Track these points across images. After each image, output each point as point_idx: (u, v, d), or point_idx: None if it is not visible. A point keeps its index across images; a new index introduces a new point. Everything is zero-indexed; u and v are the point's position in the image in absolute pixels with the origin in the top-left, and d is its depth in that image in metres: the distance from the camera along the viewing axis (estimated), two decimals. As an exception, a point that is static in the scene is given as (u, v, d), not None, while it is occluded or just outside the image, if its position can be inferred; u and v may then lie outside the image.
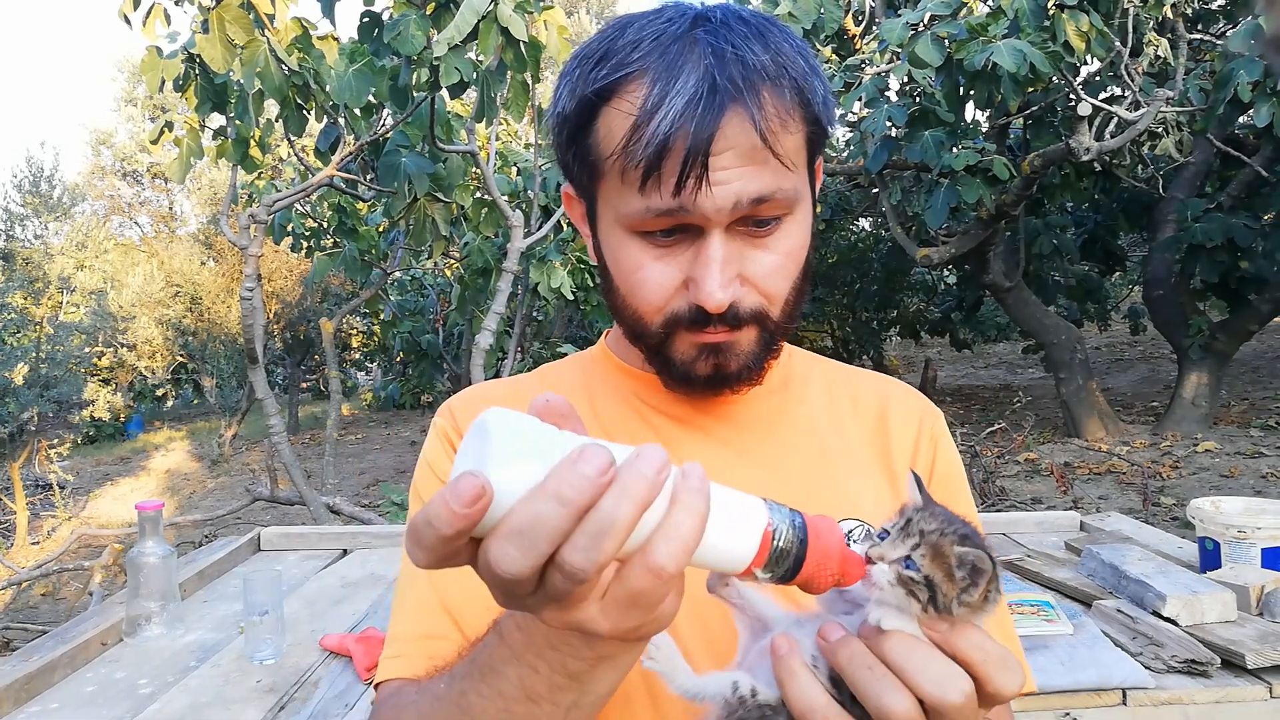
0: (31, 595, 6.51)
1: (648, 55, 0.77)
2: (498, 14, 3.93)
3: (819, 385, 1.02)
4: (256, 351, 4.76)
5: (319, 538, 2.78)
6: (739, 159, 0.77)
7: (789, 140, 0.80)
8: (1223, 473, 7.76)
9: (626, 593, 0.52)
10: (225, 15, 4.12)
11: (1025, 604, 1.91)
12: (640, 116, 0.76)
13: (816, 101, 0.82)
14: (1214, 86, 7.24)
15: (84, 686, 1.77)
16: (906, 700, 0.60)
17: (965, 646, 0.61)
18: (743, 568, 0.56)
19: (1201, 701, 1.58)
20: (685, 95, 0.74)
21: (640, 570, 0.51)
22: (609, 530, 0.49)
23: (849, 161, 9.38)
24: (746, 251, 0.82)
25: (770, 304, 0.85)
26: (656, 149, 0.75)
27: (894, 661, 0.60)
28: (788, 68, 0.80)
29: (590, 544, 0.49)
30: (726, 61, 0.76)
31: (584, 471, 0.49)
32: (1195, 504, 2.15)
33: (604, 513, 0.49)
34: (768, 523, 0.56)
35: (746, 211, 0.79)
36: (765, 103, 0.77)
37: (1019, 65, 5.99)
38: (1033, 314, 9.85)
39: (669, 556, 0.51)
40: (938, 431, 1.00)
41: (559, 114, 0.84)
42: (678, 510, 0.52)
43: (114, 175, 23.68)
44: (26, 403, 9.59)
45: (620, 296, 0.87)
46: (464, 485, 0.48)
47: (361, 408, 17.85)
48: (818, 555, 0.57)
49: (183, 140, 4.88)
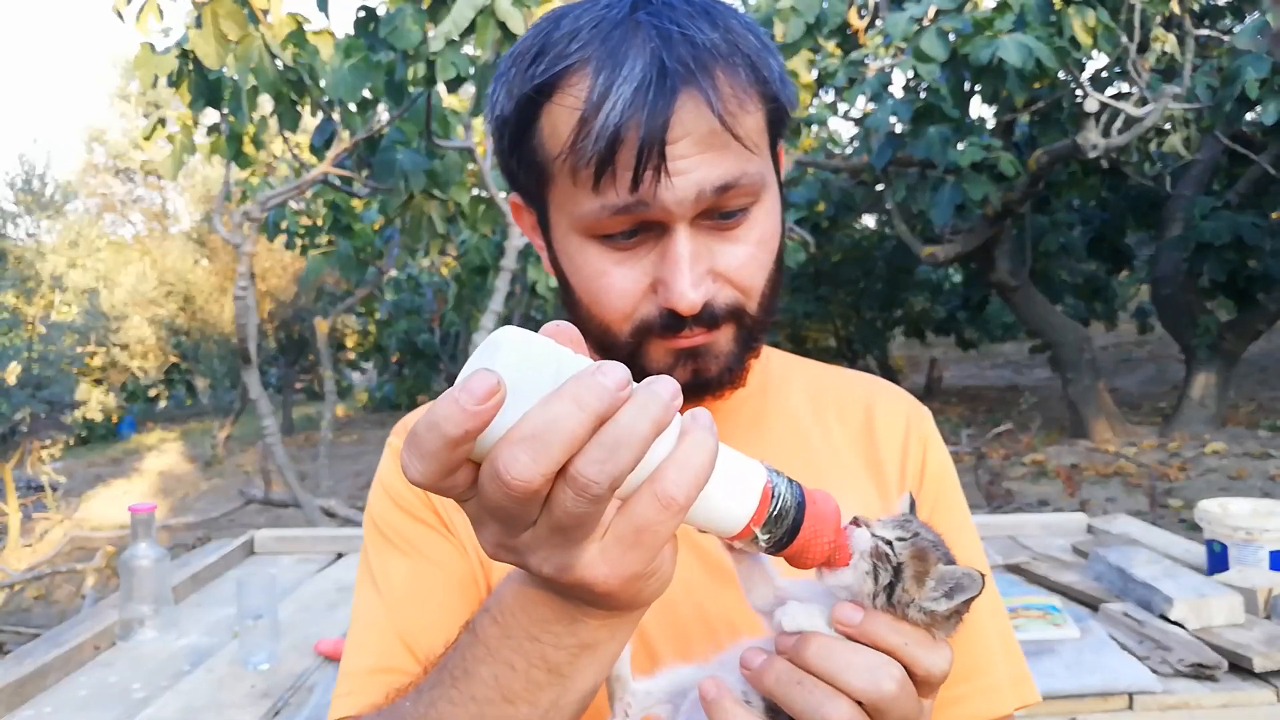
0: (24, 598, 6.47)
1: (588, 44, 0.72)
2: (495, 8, 3.89)
3: (800, 387, 0.98)
4: (250, 351, 4.74)
5: (314, 541, 2.77)
6: (697, 146, 0.72)
7: (748, 121, 0.75)
8: (1230, 474, 7.75)
9: (632, 526, 0.50)
10: (219, 10, 4.09)
11: (1031, 608, 1.90)
12: (586, 109, 0.71)
13: (773, 79, 0.78)
14: (1221, 83, 7.20)
15: (77, 690, 1.76)
16: (844, 705, 0.58)
17: (883, 633, 0.59)
18: (742, 525, 0.55)
19: (1209, 706, 1.57)
20: (633, 82, 0.70)
21: (649, 499, 0.49)
22: (626, 442, 0.47)
23: (853, 158, 9.36)
24: (715, 246, 0.77)
25: (746, 299, 0.80)
26: (608, 142, 0.70)
27: (819, 668, 0.58)
28: (739, 45, 0.75)
29: (606, 455, 0.47)
30: (674, 42, 0.71)
31: (604, 381, 0.47)
32: (1203, 506, 2.15)
33: (622, 425, 0.47)
34: (767, 481, 0.56)
35: (711, 202, 0.74)
36: (720, 83, 0.72)
37: (1025, 60, 5.96)
38: (1039, 313, 9.83)
39: (679, 486, 0.49)
40: (926, 432, 0.97)
41: (498, 118, 0.79)
42: (688, 443, 0.51)
43: (107, 172, 23.62)
44: (18, 403, 9.63)
45: (583, 308, 0.81)
46: (477, 380, 0.45)
47: (357, 408, 17.85)
48: (814, 521, 0.56)
49: (176, 136, 4.89)
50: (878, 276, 13.33)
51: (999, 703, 0.88)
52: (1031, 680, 0.91)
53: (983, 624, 0.89)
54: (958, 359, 17.64)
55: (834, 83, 7.60)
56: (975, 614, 0.88)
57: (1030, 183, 7.87)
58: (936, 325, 14.27)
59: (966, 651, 0.86)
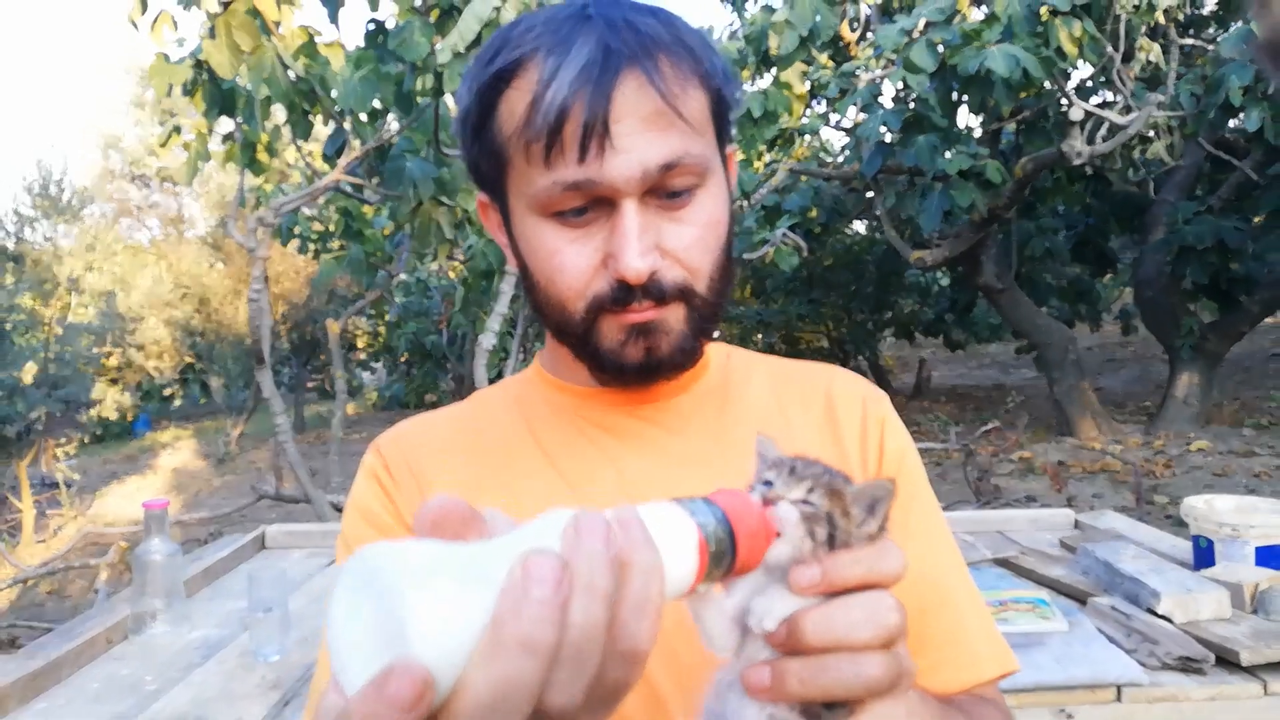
0: (37, 593, 6.51)
1: (540, 35, 0.77)
2: (501, 21, 3.92)
3: (762, 380, 0.97)
4: (263, 352, 4.77)
5: (324, 535, 2.77)
6: (642, 124, 0.75)
7: (691, 103, 0.78)
8: (1215, 471, 7.80)
9: (606, 690, 0.44)
10: (232, 22, 4.15)
11: (1020, 601, 1.91)
12: (537, 89, 0.74)
13: (716, 74, 0.81)
14: (1205, 91, 7.30)
15: (89, 683, 1.76)
16: (874, 659, 0.56)
17: (844, 572, 0.57)
18: (690, 584, 0.51)
19: (1196, 698, 1.58)
20: (579, 62, 0.74)
21: (615, 663, 0.44)
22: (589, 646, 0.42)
23: (845, 166, 9.46)
24: (662, 224, 0.79)
25: (694, 278, 0.81)
26: (556, 116, 0.73)
27: (826, 641, 0.55)
28: (683, 38, 0.79)
29: (576, 672, 0.42)
30: (619, 29, 0.76)
31: (540, 595, 0.40)
32: (1188, 502, 2.11)
33: (578, 630, 0.42)
34: (698, 530, 0.51)
35: (656, 180, 0.76)
36: (662, 65, 0.76)
37: (1012, 71, 6.05)
38: (1025, 315, 9.91)
39: (640, 635, 0.44)
40: (883, 413, 0.96)
41: (463, 112, 0.83)
42: (634, 576, 0.45)
43: (123, 179, 23.65)
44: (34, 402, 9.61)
45: (540, 290, 0.83)
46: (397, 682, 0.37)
47: (367, 407, 17.85)
48: (746, 539, 0.53)
49: (191, 144, 4.94)
50: (868, 280, 13.41)
51: (978, 670, 0.86)
52: (1008, 648, 0.88)
53: (954, 593, 0.88)
54: (946, 359, 17.71)
55: (826, 93, 7.67)
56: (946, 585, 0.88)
57: (1016, 189, 7.94)
58: (925, 327, 14.31)
59: (940, 620, 0.86)
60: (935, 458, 8.78)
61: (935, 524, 0.92)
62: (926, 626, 0.84)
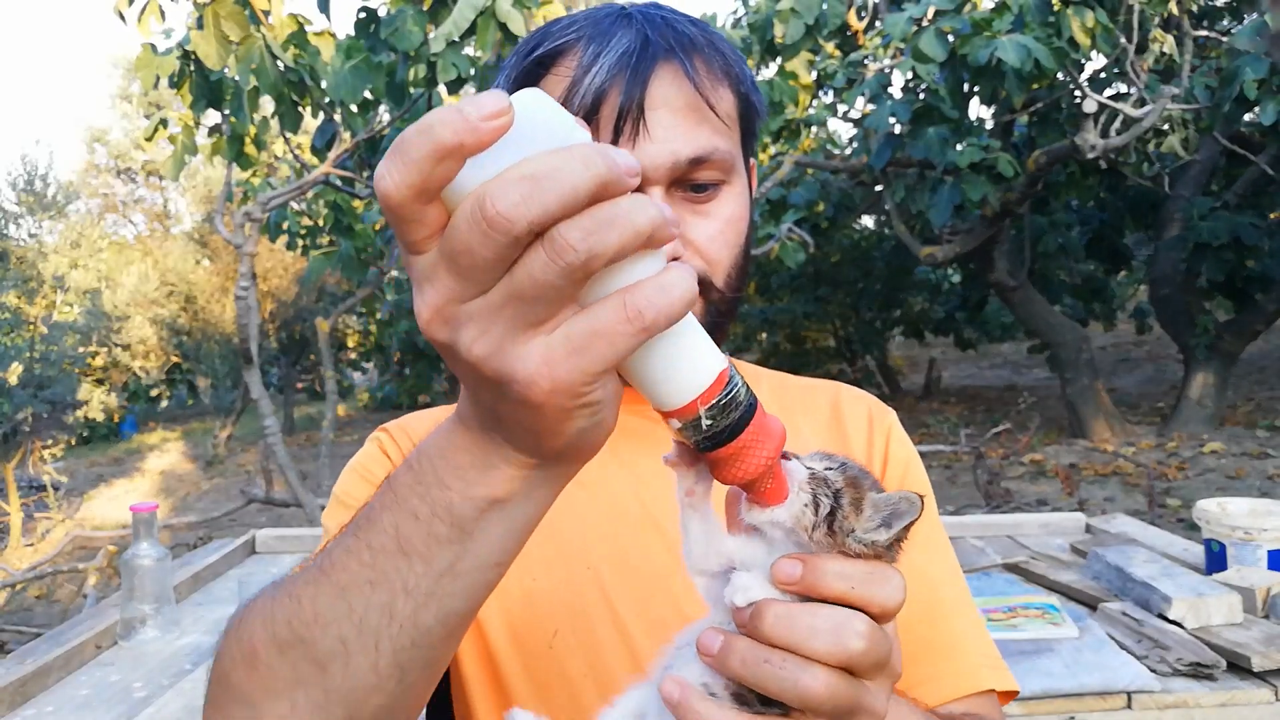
0: (26, 597, 6.50)
1: (582, 28, 0.81)
2: (496, 9, 3.92)
3: (766, 389, 1.02)
4: (252, 351, 4.75)
5: (315, 540, 2.70)
6: (675, 115, 0.79)
7: (722, 102, 0.83)
8: (1229, 474, 7.76)
9: (588, 328, 0.46)
10: (220, 11, 4.12)
11: (1030, 607, 1.91)
12: (576, 74, 0.79)
13: (745, 81, 0.86)
14: (1220, 84, 7.20)
15: (78, 690, 1.77)
16: (819, 674, 0.54)
17: (827, 581, 0.55)
18: (690, 398, 0.51)
19: (1207, 705, 1.57)
20: (619, 51, 0.78)
21: (615, 306, 0.46)
22: (620, 224, 0.44)
23: (852, 159, 9.36)
24: (686, 217, 0.83)
25: (712, 271, 0.85)
26: (593, 100, 0.77)
27: (782, 639, 0.54)
28: (717, 44, 0.84)
29: (596, 227, 0.43)
30: (658, 26, 0.81)
31: (615, 158, 0.44)
32: (1201, 505, 2.14)
33: (621, 207, 0.44)
34: (727, 366, 0.52)
35: (685, 171, 0.80)
36: (697, 62, 0.81)
37: (1024, 61, 5.96)
38: (1038, 313, 9.84)
39: (651, 303, 0.45)
40: (889, 424, 1.02)
41: None
42: (673, 272, 0.47)
43: (108, 173, 23.58)
44: (20, 403, 9.61)
45: None
46: (489, 97, 0.42)
47: (358, 408, 17.84)
48: (759, 429, 0.53)
49: (177, 137, 4.90)
50: (877, 277, 13.36)
51: (974, 680, 0.87)
52: (1005, 666, 0.90)
53: (951, 606, 0.91)
54: (956, 359, 17.63)
55: (833, 83, 7.62)
56: (943, 598, 0.91)
57: (1029, 183, 7.88)
58: (935, 325, 14.28)
59: (937, 631, 0.88)
60: (945, 460, 8.80)
61: (935, 535, 0.95)
62: (922, 636, 0.86)
